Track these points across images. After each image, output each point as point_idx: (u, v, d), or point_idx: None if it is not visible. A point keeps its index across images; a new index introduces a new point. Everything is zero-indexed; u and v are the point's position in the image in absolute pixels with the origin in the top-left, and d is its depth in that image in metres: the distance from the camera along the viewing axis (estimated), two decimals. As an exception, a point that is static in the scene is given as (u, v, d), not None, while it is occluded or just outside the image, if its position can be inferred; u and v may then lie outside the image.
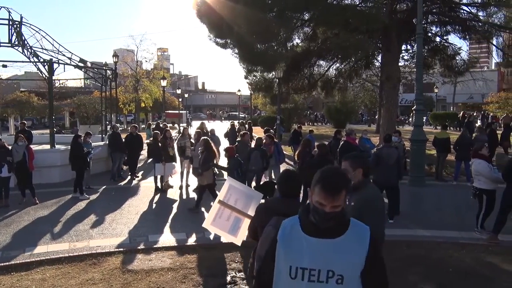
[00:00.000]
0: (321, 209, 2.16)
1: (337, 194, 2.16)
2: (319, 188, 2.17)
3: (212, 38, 18.94)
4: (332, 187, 2.17)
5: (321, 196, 2.15)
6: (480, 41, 23.89)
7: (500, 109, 35.68)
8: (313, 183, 2.22)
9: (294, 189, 3.66)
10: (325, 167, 2.31)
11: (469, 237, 8.09)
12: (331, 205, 2.14)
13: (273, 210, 3.40)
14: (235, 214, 4.34)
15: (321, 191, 2.16)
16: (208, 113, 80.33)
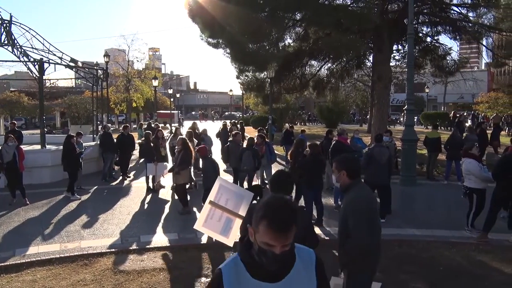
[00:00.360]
0: (270, 250, 1.83)
1: (289, 231, 1.82)
2: (265, 226, 1.81)
3: (204, 38, 18.92)
4: (282, 225, 1.82)
5: (270, 236, 1.80)
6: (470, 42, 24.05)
7: (490, 109, 36.06)
8: (256, 219, 1.86)
9: (287, 189, 3.67)
10: (269, 198, 1.99)
11: (460, 236, 8.17)
12: (282, 245, 1.82)
13: None
14: (226, 215, 4.33)
15: (269, 229, 1.80)
16: (200, 113, 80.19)
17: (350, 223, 3.55)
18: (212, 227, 4.40)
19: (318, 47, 18.92)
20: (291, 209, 1.88)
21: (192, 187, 12.67)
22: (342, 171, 3.73)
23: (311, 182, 8.93)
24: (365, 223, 3.52)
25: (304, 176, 8.89)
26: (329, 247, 7.03)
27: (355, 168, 3.80)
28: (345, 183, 3.74)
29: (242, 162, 10.69)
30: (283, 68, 20.05)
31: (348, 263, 3.68)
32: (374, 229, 3.65)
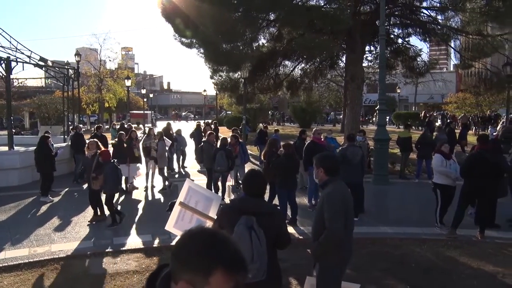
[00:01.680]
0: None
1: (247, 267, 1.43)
2: (224, 274, 1.33)
3: (178, 38, 18.79)
4: (243, 262, 1.40)
5: (230, 282, 1.34)
6: (439, 44, 24.67)
7: (458, 109, 36.98)
8: (201, 269, 1.33)
9: (260, 189, 3.68)
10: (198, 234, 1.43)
11: (430, 233, 8.36)
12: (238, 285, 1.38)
13: (241, 210, 3.43)
14: (197, 216, 4.30)
15: (230, 275, 1.34)
16: (174, 113, 79.56)
17: (326, 216, 3.66)
18: (183, 229, 4.34)
19: (292, 48, 19.03)
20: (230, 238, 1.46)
21: (166, 187, 12.58)
22: (320, 168, 3.93)
23: (285, 182, 8.97)
24: (340, 216, 3.63)
25: (278, 176, 8.93)
26: (303, 246, 7.08)
27: (332, 166, 3.99)
28: (322, 180, 3.94)
29: (216, 163, 10.65)
30: (257, 68, 20.10)
31: (322, 256, 3.75)
32: (348, 224, 3.77)
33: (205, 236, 1.41)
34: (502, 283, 5.88)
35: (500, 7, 15.31)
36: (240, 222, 3.32)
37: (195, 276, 1.34)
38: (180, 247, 1.42)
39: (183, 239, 1.44)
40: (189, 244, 1.40)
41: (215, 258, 1.34)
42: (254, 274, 3.29)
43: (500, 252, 7.16)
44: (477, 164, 7.84)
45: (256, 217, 3.34)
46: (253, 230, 3.31)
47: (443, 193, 8.44)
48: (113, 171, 8.89)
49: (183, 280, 1.36)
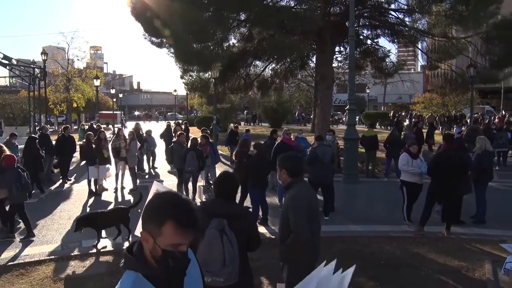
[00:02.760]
0: (177, 250, 1.69)
1: (197, 224, 1.73)
2: (173, 227, 1.65)
3: (148, 37, 18.56)
4: (191, 220, 1.70)
5: (179, 235, 1.67)
6: (407, 45, 25.24)
7: (425, 109, 37.87)
8: (157, 222, 1.67)
9: (232, 191, 3.66)
10: (158, 197, 1.78)
11: (399, 230, 8.56)
12: (188, 241, 1.71)
13: (212, 212, 3.40)
14: None
15: (178, 228, 1.65)
16: (144, 113, 78.55)
17: (291, 219, 3.63)
18: None
19: (263, 48, 19.07)
20: (189, 201, 1.78)
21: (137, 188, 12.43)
22: (283, 169, 3.83)
23: (257, 182, 8.99)
24: (305, 218, 3.61)
25: (251, 176, 8.93)
26: (275, 246, 7.07)
27: (296, 167, 3.89)
28: (286, 181, 3.85)
29: (186, 163, 10.58)
30: (227, 68, 20.04)
31: (289, 258, 3.75)
32: (314, 226, 3.76)
33: (165, 196, 1.77)
34: (467, 277, 6.05)
35: (464, 11, 15.75)
36: (212, 226, 3.29)
37: (152, 227, 1.68)
38: (147, 204, 1.78)
39: (150, 198, 1.81)
40: (152, 201, 1.77)
41: (167, 212, 1.66)
42: (226, 278, 3.27)
43: (465, 247, 7.37)
44: (443, 162, 8.05)
45: (227, 220, 3.32)
46: (225, 233, 3.28)
47: (409, 191, 8.67)
48: (17, 178, 7.93)
49: (145, 231, 1.71)
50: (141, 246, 1.77)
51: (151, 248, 1.70)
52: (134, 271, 1.72)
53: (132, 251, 1.79)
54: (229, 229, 3.30)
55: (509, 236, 7.53)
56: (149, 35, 18.32)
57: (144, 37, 18.45)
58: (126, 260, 1.77)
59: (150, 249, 1.71)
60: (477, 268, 6.29)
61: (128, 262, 1.75)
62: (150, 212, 1.72)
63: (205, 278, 2.75)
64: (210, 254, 3.25)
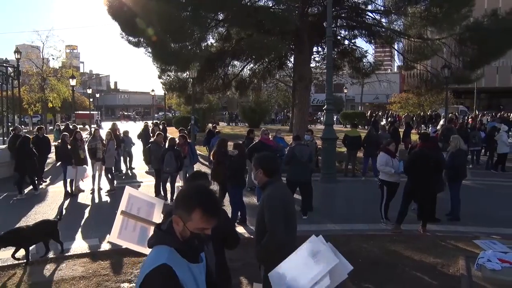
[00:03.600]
0: (203, 233, 2.04)
1: (219, 214, 2.09)
2: (201, 213, 2.00)
3: (125, 36, 18.35)
4: (216, 210, 2.06)
5: (205, 221, 2.01)
6: (384, 45, 25.52)
7: (402, 109, 38.44)
8: (188, 208, 2.02)
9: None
10: (192, 187, 2.20)
11: (376, 229, 8.69)
12: (212, 226, 2.06)
13: None
14: (141, 224, 4.19)
15: (205, 215, 2.01)
16: (121, 113, 77.63)
17: (266, 219, 3.62)
18: (128, 238, 4.23)
19: (241, 48, 19.05)
20: (214, 193, 2.16)
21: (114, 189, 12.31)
22: (259, 169, 3.81)
23: (237, 182, 8.99)
24: (281, 218, 3.60)
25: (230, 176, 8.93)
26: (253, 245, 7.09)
27: (272, 167, 3.87)
28: (262, 181, 3.83)
29: (164, 163, 10.51)
30: (205, 68, 19.97)
31: (265, 258, 3.75)
32: (290, 225, 3.76)
33: (196, 187, 2.17)
34: (442, 273, 6.18)
35: (438, 13, 16.06)
36: None
37: (183, 212, 2.03)
38: (179, 194, 2.18)
39: (183, 189, 2.20)
40: (184, 192, 2.15)
41: (196, 201, 2.02)
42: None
43: (440, 244, 7.52)
44: (418, 161, 8.19)
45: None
46: None
47: (389, 190, 8.79)
48: None
49: (176, 215, 2.05)
50: (171, 225, 2.09)
51: (181, 230, 2.04)
52: (168, 245, 2.03)
53: (161, 229, 2.15)
54: None
55: (482, 233, 7.72)
56: (126, 34, 18.12)
57: (121, 37, 18.26)
58: (160, 236, 2.11)
59: (180, 231, 2.05)
60: (452, 264, 6.43)
61: (162, 237, 2.09)
62: (182, 200, 2.08)
63: None
64: None
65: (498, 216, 9.52)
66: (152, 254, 2.06)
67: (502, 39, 16.40)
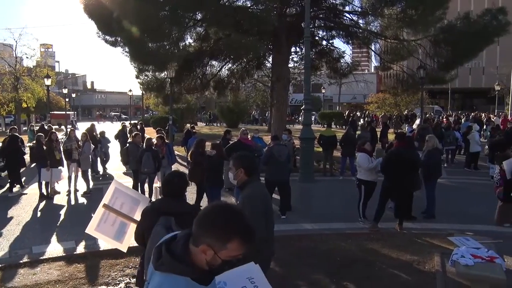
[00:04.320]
0: (236, 258, 1.86)
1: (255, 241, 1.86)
2: (239, 243, 1.78)
3: (101, 36, 18.11)
4: (254, 235, 1.85)
5: (242, 249, 1.81)
6: (361, 46, 25.83)
7: (379, 109, 38.92)
8: (224, 238, 1.76)
9: (179, 189, 3.71)
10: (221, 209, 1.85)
11: (354, 227, 8.79)
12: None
13: (162, 211, 3.43)
14: (121, 219, 4.16)
15: (243, 245, 1.80)
16: (98, 114, 76.56)
17: None
18: (105, 231, 4.20)
19: (219, 48, 19.03)
20: (245, 214, 1.88)
21: (89, 191, 12.14)
22: (240, 168, 3.84)
23: (216, 182, 8.98)
24: (261, 216, 3.64)
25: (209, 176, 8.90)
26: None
27: (253, 166, 3.95)
28: (242, 180, 3.86)
29: (142, 164, 10.42)
30: (183, 68, 19.86)
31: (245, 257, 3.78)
32: (269, 224, 3.80)
33: (226, 211, 1.83)
34: (418, 270, 6.30)
35: (413, 15, 16.34)
36: (159, 223, 3.32)
37: (216, 242, 1.76)
38: (205, 217, 1.83)
39: (208, 211, 1.85)
40: (213, 217, 1.81)
41: (233, 230, 1.77)
42: None
43: (416, 241, 7.66)
44: (395, 160, 8.33)
45: (175, 218, 3.35)
46: (171, 230, 3.29)
47: (366, 189, 8.91)
48: None
49: (205, 244, 1.77)
50: (186, 249, 1.84)
51: (210, 259, 1.79)
52: (183, 276, 1.79)
53: (172, 252, 1.85)
54: (177, 226, 3.32)
55: (456, 230, 7.87)
56: (103, 34, 17.90)
57: (98, 36, 18.03)
58: (175, 265, 1.81)
59: (208, 260, 1.79)
60: (427, 261, 6.56)
61: (178, 267, 1.80)
62: (213, 229, 1.79)
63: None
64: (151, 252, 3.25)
65: (471, 213, 9.76)
66: (165, 283, 1.81)
67: (474, 41, 16.85)
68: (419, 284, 5.87)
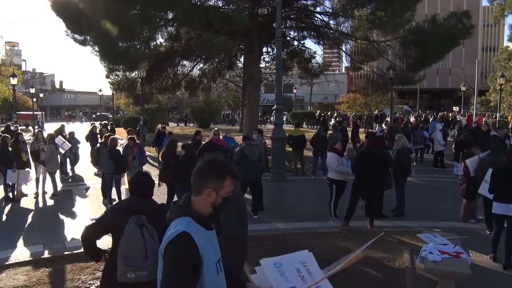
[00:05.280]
0: (230, 194, 2.37)
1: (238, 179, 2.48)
2: (231, 179, 2.36)
3: (70, 34, 17.71)
4: (236, 173, 2.43)
5: (233, 183, 2.37)
6: (332, 47, 26.14)
7: (349, 109, 39.41)
8: (219, 179, 2.31)
9: (147, 189, 3.70)
10: (211, 158, 2.42)
11: (326, 226, 8.89)
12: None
13: (130, 210, 3.42)
14: None
15: (233, 178, 2.37)
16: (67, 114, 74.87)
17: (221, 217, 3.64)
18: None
19: (190, 48, 18.88)
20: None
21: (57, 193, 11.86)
22: None
23: (185, 183, 8.86)
24: (236, 216, 3.65)
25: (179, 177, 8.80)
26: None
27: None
28: None
29: (100, 165, 10.22)
30: (154, 68, 19.64)
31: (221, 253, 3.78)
32: (242, 223, 3.81)
33: (215, 160, 2.40)
34: (388, 267, 6.42)
35: (383, 16, 16.64)
36: (131, 221, 3.32)
37: (216, 183, 2.31)
38: (202, 170, 2.35)
39: (202, 166, 2.37)
40: (209, 166, 2.36)
41: (226, 170, 2.37)
42: (149, 272, 3.26)
43: (386, 239, 7.77)
44: (366, 159, 8.45)
45: (146, 216, 3.36)
46: (145, 227, 3.33)
47: (337, 188, 9.00)
48: None
49: (208, 188, 2.30)
50: (187, 200, 2.37)
51: (213, 199, 2.31)
52: (186, 216, 2.28)
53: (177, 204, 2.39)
54: (149, 223, 3.35)
55: (425, 227, 8.06)
56: (72, 32, 17.49)
57: (66, 34, 17.60)
58: (178, 209, 2.34)
59: (212, 201, 2.31)
60: (397, 258, 6.68)
61: (180, 210, 2.33)
62: (211, 173, 2.32)
63: (128, 275, 3.23)
64: (131, 248, 3.28)
65: (439, 210, 10.01)
66: (172, 225, 2.28)
67: (441, 43, 17.31)
68: (389, 280, 5.98)
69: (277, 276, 2.72)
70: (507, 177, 6.50)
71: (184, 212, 2.31)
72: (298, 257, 2.85)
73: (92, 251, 3.59)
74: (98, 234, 3.59)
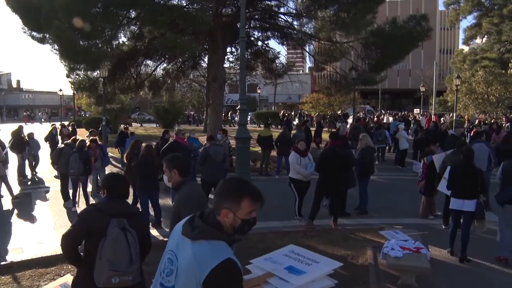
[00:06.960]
0: (251, 216, 2.23)
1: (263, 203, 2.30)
2: (250, 200, 2.19)
3: (27, 31, 17.15)
4: (260, 191, 2.26)
5: (254, 205, 2.21)
6: (295, 47, 26.39)
7: (313, 109, 39.84)
8: (235, 200, 2.18)
9: (125, 190, 3.62)
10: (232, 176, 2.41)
11: (291, 225, 8.99)
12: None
13: (109, 213, 3.32)
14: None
15: (253, 200, 2.20)
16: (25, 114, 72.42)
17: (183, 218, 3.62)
18: None
19: (154, 47, 18.66)
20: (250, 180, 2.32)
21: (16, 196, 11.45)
22: (173, 170, 3.83)
23: (145, 184, 8.66)
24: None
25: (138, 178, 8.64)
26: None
27: (186, 166, 3.97)
28: (176, 181, 3.86)
29: (69, 165, 9.89)
30: (117, 67, 19.28)
31: None
32: None
33: (236, 179, 2.35)
34: (352, 264, 6.52)
35: (345, 18, 16.95)
36: (113, 225, 3.23)
37: (232, 204, 2.17)
38: (221, 188, 2.28)
39: (223, 183, 2.31)
40: (227, 185, 2.28)
41: (243, 190, 2.21)
42: (134, 276, 3.21)
43: (350, 237, 7.92)
44: (329, 158, 8.57)
45: (125, 219, 3.30)
46: (128, 231, 3.26)
47: (296, 187, 9.13)
48: None
49: (224, 209, 2.17)
50: (216, 218, 2.21)
51: (231, 221, 2.17)
52: (222, 240, 2.16)
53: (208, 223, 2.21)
54: (130, 227, 3.30)
55: (387, 224, 8.25)
56: (29, 29, 16.97)
57: (24, 31, 17.05)
58: (212, 231, 2.17)
59: (230, 222, 2.18)
60: (361, 255, 6.81)
61: (214, 233, 2.17)
62: (228, 193, 2.22)
63: (113, 279, 3.15)
64: (116, 252, 3.19)
65: (400, 207, 10.30)
66: (209, 248, 2.12)
67: (401, 45, 17.80)
68: (353, 277, 6.07)
69: (272, 265, 3.01)
70: (463, 175, 6.76)
71: (218, 235, 2.18)
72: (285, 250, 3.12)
73: (74, 258, 3.43)
74: (79, 240, 3.39)
